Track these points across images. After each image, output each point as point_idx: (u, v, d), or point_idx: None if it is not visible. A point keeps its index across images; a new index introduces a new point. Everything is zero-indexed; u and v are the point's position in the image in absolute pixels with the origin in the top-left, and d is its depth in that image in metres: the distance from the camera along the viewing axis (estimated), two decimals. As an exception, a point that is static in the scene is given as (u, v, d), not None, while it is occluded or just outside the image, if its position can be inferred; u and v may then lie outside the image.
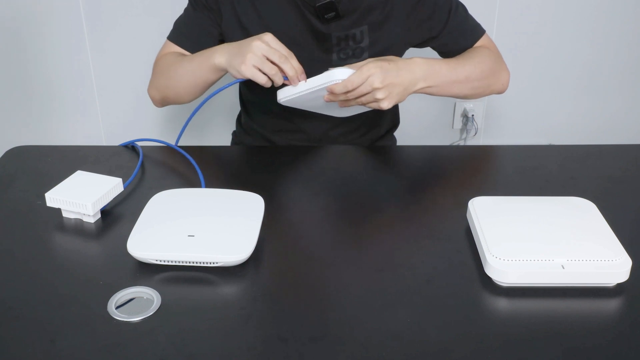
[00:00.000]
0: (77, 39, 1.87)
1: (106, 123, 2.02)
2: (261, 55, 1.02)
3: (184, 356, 0.69)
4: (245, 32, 1.19)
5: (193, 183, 1.02)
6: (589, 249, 0.80)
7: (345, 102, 1.07)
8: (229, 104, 1.88)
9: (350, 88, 1.03)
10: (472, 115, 2.04)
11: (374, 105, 1.07)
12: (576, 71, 1.99)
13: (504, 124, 2.09)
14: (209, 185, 1.01)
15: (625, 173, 1.09)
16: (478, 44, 1.25)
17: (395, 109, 1.42)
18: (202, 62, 1.12)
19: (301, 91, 1.06)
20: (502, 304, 0.77)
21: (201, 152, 1.16)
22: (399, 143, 1.46)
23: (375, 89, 1.04)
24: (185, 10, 1.24)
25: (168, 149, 1.14)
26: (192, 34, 1.22)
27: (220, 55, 1.08)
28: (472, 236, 0.88)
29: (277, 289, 0.80)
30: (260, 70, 1.02)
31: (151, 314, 0.75)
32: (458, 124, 2.09)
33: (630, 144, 1.20)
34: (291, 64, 1.03)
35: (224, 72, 1.10)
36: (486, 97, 2.03)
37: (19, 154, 1.14)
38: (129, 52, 1.90)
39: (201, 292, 0.79)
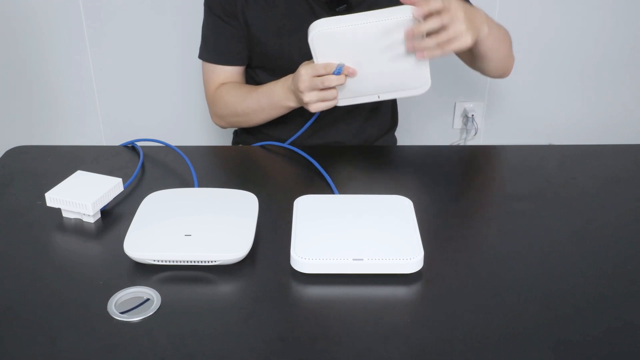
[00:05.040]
0: (77, 39, 1.87)
1: (106, 123, 2.02)
2: (315, 93, 1.06)
3: (184, 356, 0.69)
4: (254, 34, 1.19)
5: (191, 183, 1.02)
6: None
7: (427, 42, 0.99)
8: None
9: (434, 8, 0.96)
10: (472, 115, 2.04)
11: (456, 44, 0.98)
12: (576, 71, 1.99)
13: (504, 124, 2.09)
14: (206, 184, 1.02)
15: (625, 173, 1.09)
16: None
17: (394, 107, 1.43)
18: (275, 107, 1.19)
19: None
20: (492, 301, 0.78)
21: (200, 152, 1.16)
22: (399, 143, 1.46)
23: (458, 20, 0.97)
24: (208, 25, 1.24)
25: (168, 149, 1.14)
26: (225, 47, 1.24)
27: (292, 102, 1.15)
28: (467, 235, 0.88)
29: (276, 287, 0.80)
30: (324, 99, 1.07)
31: (151, 314, 0.75)
32: (458, 124, 2.09)
33: (630, 144, 1.21)
34: (335, 79, 1.04)
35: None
36: (486, 97, 2.03)
37: (19, 154, 1.14)
38: (129, 52, 1.90)
39: (201, 292, 0.79)
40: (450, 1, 0.99)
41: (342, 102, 1.12)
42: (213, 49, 1.26)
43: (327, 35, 1.03)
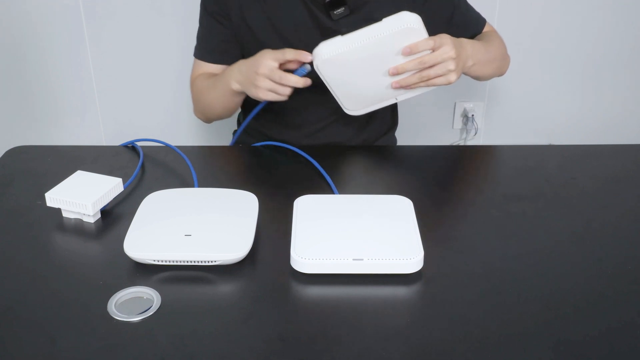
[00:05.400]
0: (77, 39, 1.87)
1: (106, 123, 2.02)
2: (270, 82, 1.05)
3: (184, 356, 0.69)
4: (254, 34, 1.20)
5: (191, 183, 1.02)
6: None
7: (410, 78, 1.05)
8: (229, 104, 1.89)
9: (433, 47, 1.01)
10: (472, 115, 2.04)
11: (440, 80, 1.04)
12: (576, 71, 1.99)
13: (504, 124, 2.09)
14: (206, 184, 1.02)
15: (625, 173, 1.09)
16: (484, 30, 1.30)
17: (394, 108, 1.42)
18: (224, 90, 1.17)
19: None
20: (492, 301, 0.78)
21: (200, 152, 1.16)
22: (399, 143, 1.46)
23: (449, 58, 1.02)
24: (203, 23, 1.25)
25: (168, 149, 1.14)
26: (215, 46, 1.24)
27: (235, 82, 1.13)
28: (466, 235, 0.88)
29: (276, 287, 0.80)
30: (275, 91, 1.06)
31: (151, 314, 0.75)
32: (458, 124, 2.09)
33: (630, 144, 1.21)
34: (294, 79, 1.04)
35: (244, 95, 1.15)
36: (486, 97, 2.03)
37: (19, 154, 1.14)
38: (129, 52, 1.90)
39: (201, 292, 0.79)
40: (443, 40, 1.02)
41: (363, 110, 1.15)
42: (204, 47, 1.26)
43: (331, 61, 1.04)
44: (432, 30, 1.20)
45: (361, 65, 1.05)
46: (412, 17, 1.01)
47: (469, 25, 1.27)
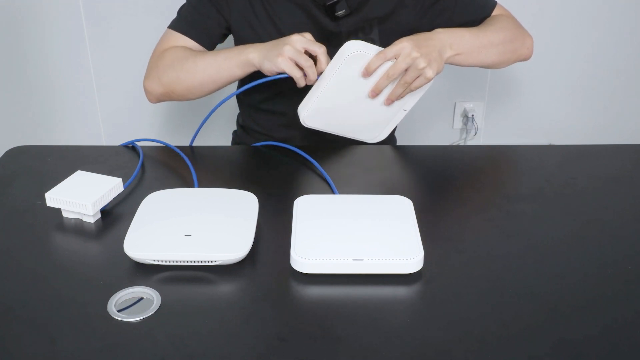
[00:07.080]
0: (77, 39, 1.87)
1: (106, 123, 2.02)
2: (300, 48, 1.03)
3: (184, 356, 0.69)
4: (254, 32, 1.19)
5: (191, 183, 1.02)
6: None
7: (396, 90, 1.07)
8: (230, 104, 1.88)
9: (385, 58, 1.03)
10: (472, 115, 2.04)
11: (420, 81, 1.05)
12: (576, 71, 1.99)
13: (504, 124, 2.09)
14: (206, 184, 1.02)
15: (625, 173, 1.09)
16: (493, 14, 1.27)
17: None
18: (231, 57, 1.11)
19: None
20: (494, 300, 0.78)
21: (200, 152, 1.16)
22: (399, 143, 1.46)
23: (414, 59, 1.03)
24: (194, 3, 1.23)
25: (168, 149, 1.14)
26: (201, 24, 1.21)
27: (253, 50, 1.09)
28: (466, 235, 0.88)
29: (277, 287, 0.80)
30: (296, 64, 1.04)
31: (151, 314, 0.75)
32: (458, 124, 2.09)
33: (630, 144, 1.21)
34: (317, 67, 1.05)
35: (252, 69, 1.11)
36: (486, 97, 2.03)
37: (19, 154, 1.14)
38: (129, 52, 1.90)
39: (201, 292, 0.79)
40: (399, 45, 1.03)
41: (382, 134, 1.18)
42: (190, 23, 1.22)
43: (313, 114, 1.09)
44: (435, 18, 1.20)
45: (344, 101, 1.09)
46: (351, 45, 1.03)
47: (472, 10, 1.24)
